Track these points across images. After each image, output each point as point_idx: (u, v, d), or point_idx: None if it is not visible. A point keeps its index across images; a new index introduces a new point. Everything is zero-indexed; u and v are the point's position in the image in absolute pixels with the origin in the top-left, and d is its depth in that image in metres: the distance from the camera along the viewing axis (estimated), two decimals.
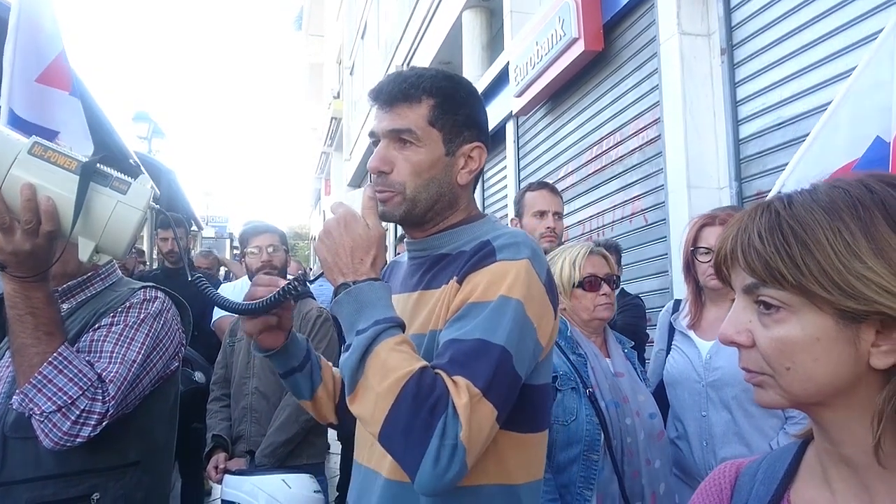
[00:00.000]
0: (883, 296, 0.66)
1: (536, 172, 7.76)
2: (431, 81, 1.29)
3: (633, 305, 3.75)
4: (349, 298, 1.15)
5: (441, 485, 1.03)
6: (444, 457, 1.02)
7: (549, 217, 2.96)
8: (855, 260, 0.68)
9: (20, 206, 1.33)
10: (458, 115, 1.30)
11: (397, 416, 1.04)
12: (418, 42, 13.76)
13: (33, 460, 1.54)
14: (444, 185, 1.31)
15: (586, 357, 2.13)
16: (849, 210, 0.70)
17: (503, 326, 1.11)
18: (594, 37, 6.08)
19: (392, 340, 1.10)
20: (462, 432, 1.02)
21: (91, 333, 1.62)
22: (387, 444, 1.07)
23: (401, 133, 1.28)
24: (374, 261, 1.20)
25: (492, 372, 1.08)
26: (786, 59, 4.29)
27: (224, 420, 3.06)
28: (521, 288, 1.15)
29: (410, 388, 1.04)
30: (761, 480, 0.83)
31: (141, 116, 14.31)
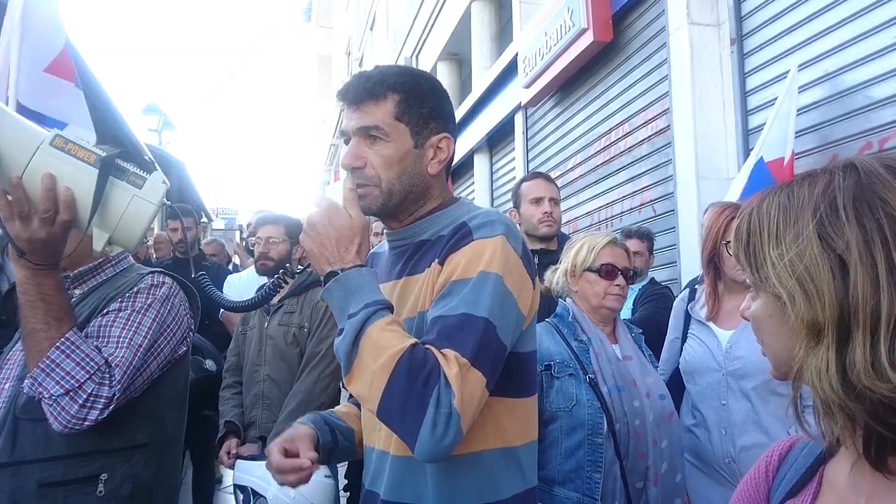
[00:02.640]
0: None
1: (545, 164, 7.76)
2: (395, 78, 1.35)
3: (662, 295, 3.76)
4: (338, 286, 1.22)
5: (439, 451, 1.11)
6: (440, 424, 1.09)
7: (546, 203, 3.00)
8: (769, 246, 0.74)
9: (40, 195, 1.36)
10: (423, 109, 1.36)
11: (393, 390, 1.11)
12: (427, 34, 13.75)
13: (43, 441, 1.57)
14: (416, 176, 1.36)
15: (589, 343, 2.14)
16: (792, 209, 0.74)
17: (484, 300, 1.18)
18: (603, 27, 6.07)
19: (382, 321, 1.16)
20: (455, 400, 1.10)
21: (99, 318, 1.65)
22: (385, 419, 1.14)
23: (369, 130, 1.33)
24: (358, 249, 1.26)
25: (477, 342, 1.15)
26: (795, 49, 4.28)
27: (236, 407, 3.10)
28: (499, 263, 1.22)
29: (404, 364, 1.11)
30: (805, 454, 0.86)
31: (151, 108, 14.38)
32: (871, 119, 3.76)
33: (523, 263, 1.28)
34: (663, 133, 5.48)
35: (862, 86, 3.83)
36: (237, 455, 2.90)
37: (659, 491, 2.01)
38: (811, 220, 0.70)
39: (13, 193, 1.37)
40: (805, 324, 0.69)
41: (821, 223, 0.70)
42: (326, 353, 2.99)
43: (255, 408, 3.04)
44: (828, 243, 0.68)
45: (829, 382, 0.67)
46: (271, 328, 3.09)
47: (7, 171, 1.36)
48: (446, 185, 1.47)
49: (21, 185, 1.36)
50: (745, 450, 2.16)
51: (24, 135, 1.38)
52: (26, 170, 1.36)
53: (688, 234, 4.96)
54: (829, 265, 0.68)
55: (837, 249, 0.68)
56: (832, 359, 0.67)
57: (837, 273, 0.67)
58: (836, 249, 0.68)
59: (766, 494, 0.88)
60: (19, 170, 1.36)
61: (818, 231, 0.70)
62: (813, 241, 0.69)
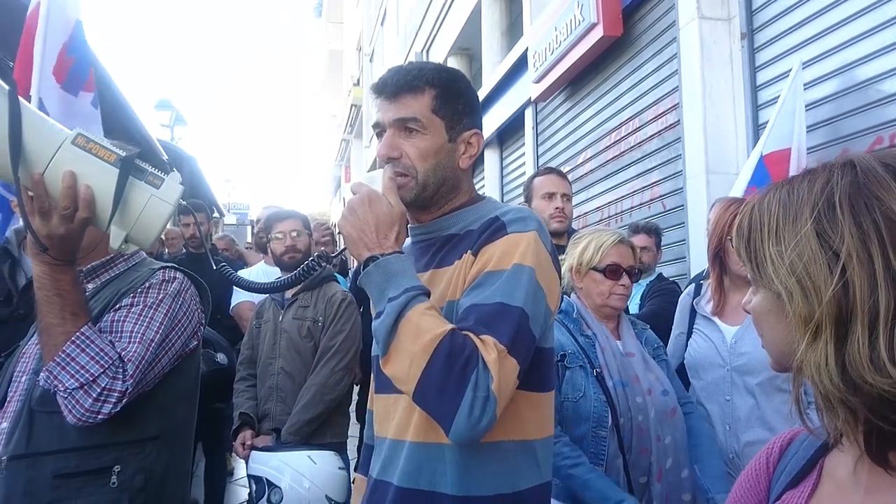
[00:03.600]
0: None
1: (555, 159, 7.75)
2: (433, 73, 1.40)
3: (669, 290, 3.76)
4: (378, 270, 1.24)
5: (475, 433, 1.14)
6: (477, 407, 1.12)
7: (558, 198, 3.02)
8: (769, 242, 0.75)
9: (60, 193, 1.39)
10: (458, 104, 1.40)
11: (432, 373, 1.14)
12: (437, 28, 13.74)
13: (58, 433, 1.60)
14: (449, 170, 1.40)
15: (595, 338, 2.17)
16: (792, 207, 0.75)
17: (520, 290, 1.22)
18: (613, 22, 6.05)
19: (422, 306, 1.19)
20: (493, 384, 1.13)
21: (112, 314, 1.68)
22: (421, 400, 1.17)
23: (407, 122, 1.36)
24: (397, 236, 1.29)
25: (514, 330, 1.19)
26: (806, 43, 4.25)
27: (250, 399, 3.15)
28: (532, 256, 1.26)
29: (444, 347, 1.14)
30: (805, 446, 0.87)
31: (163, 104, 14.47)
32: (883, 114, 3.74)
33: (552, 260, 1.32)
34: (673, 128, 5.46)
35: (873, 80, 3.81)
36: (252, 446, 2.94)
37: (663, 487, 2.02)
38: (809, 218, 0.72)
39: (34, 190, 1.40)
40: (803, 320, 0.71)
41: (818, 221, 0.71)
42: (340, 347, 3.04)
43: (270, 400, 3.09)
44: (825, 241, 0.70)
45: (829, 377, 0.68)
46: (286, 322, 3.13)
47: (29, 168, 1.38)
48: (472, 181, 1.50)
49: (42, 182, 1.39)
50: (750, 446, 2.17)
51: (46, 132, 1.41)
52: (48, 167, 1.39)
53: (697, 230, 4.95)
54: (826, 262, 0.69)
55: (834, 247, 0.69)
56: (831, 354, 0.68)
57: (835, 270, 0.68)
58: (833, 247, 0.69)
59: (767, 485, 0.90)
60: (41, 167, 1.38)
61: (816, 229, 0.71)
62: (811, 238, 0.71)
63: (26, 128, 1.36)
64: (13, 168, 1.36)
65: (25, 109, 1.37)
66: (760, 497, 0.89)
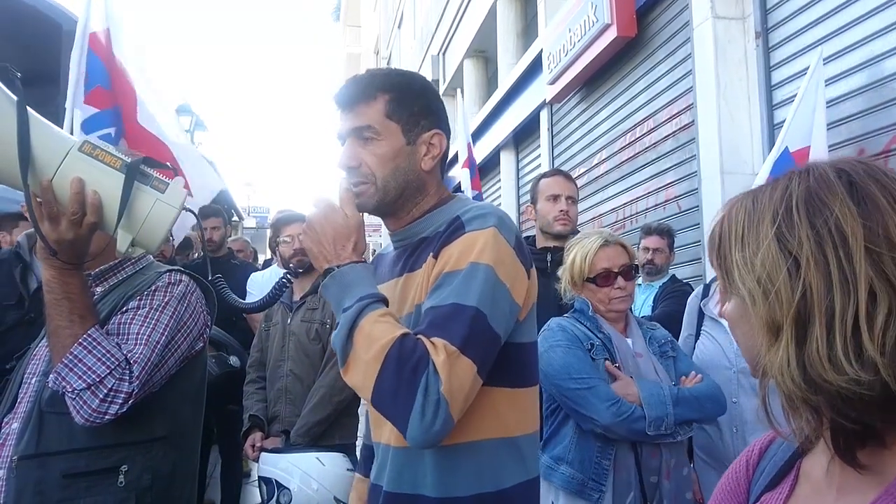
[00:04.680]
0: None
1: (570, 160, 7.74)
2: (384, 79, 1.40)
3: (682, 292, 3.73)
4: (334, 281, 1.28)
5: (430, 437, 1.14)
6: (429, 411, 1.12)
7: (563, 200, 3.00)
8: (735, 249, 0.77)
9: (68, 198, 1.43)
10: (413, 107, 1.40)
11: (384, 379, 1.14)
12: (453, 31, 13.76)
13: (67, 434, 1.63)
14: (410, 173, 1.40)
15: (610, 336, 2.20)
16: (755, 214, 0.77)
17: (474, 289, 1.21)
18: (627, 22, 6.03)
19: (375, 314, 1.20)
20: (443, 387, 1.12)
21: (119, 316, 1.71)
22: (379, 407, 1.18)
23: (362, 130, 1.37)
24: (354, 246, 1.32)
25: (466, 331, 1.17)
26: (821, 41, 4.20)
27: (260, 401, 3.18)
28: (490, 253, 1.24)
29: (394, 354, 1.14)
30: (784, 448, 0.89)
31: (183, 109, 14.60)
32: None
33: (516, 254, 1.29)
34: (688, 129, 5.43)
35: (889, 78, 3.76)
36: (261, 448, 2.97)
37: (672, 485, 2.03)
38: (770, 224, 0.74)
39: (43, 196, 1.44)
40: (765, 322, 0.72)
41: (778, 226, 0.73)
42: None
43: (279, 402, 3.11)
44: (784, 245, 0.71)
45: (791, 377, 0.70)
46: (294, 325, 3.16)
47: (38, 175, 1.43)
48: (442, 182, 1.50)
49: (51, 189, 1.43)
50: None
51: (54, 140, 1.45)
52: (56, 174, 1.43)
53: None
54: (785, 266, 0.71)
55: (793, 251, 0.70)
56: (793, 355, 0.70)
57: (793, 272, 0.70)
58: (791, 251, 0.71)
59: (747, 487, 0.91)
60: (50, 174, 1.43)
61: (776, 234, 0.73)
62: (771, 243, 0.72)
63: (34, 136, 1.40)
64: (22, 175, 1.40)
65: (33, 119, 1.41)
66: (740, 499, 0.90)
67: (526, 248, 1.36)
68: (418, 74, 1.51)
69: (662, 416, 2.00)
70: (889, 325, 0.66)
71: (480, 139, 11.25)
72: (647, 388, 2.03)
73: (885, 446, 0.70)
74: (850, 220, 0.69)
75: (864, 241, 0.68)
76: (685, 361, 2.29)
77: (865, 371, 0.65)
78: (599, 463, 2.03)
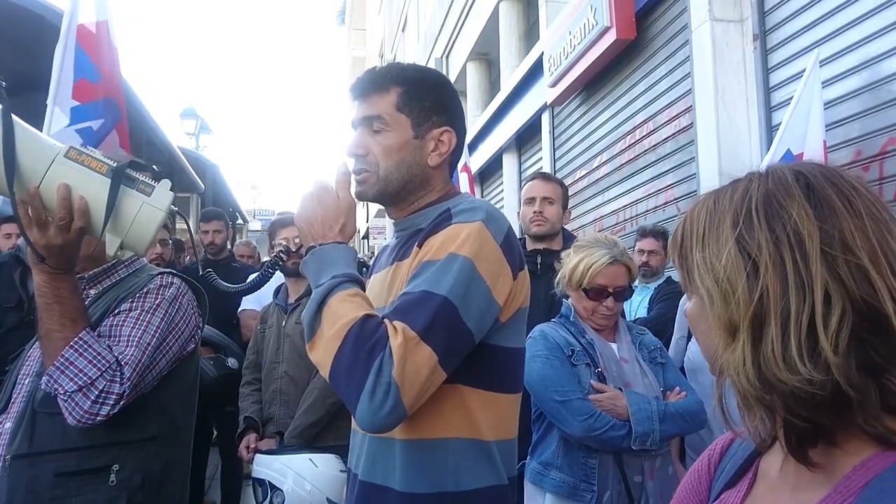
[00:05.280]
0: None
1: (571, 163, 7.76)
2: (398, 72, 1.41)
3: (677, 294, 3.72)
4: (313, 258, 1.29)
5: (377, 420, 1.12)
6: (378, 393, 1.10)
7: (537, 202, 3.03)
8: (696, 249, 0.78)
9: (56, 204, 1.45)
10: (425, 102, 1.40)
11: (341, 357, 1.14)
12: (457, 34, 13.80)
13: (59, 434, 1.65)
14: (415, 166, 1.40)
15: (594, 342, 2.21)
16: (715, 213, 0.78)
17: (448, 279, 1.19)
18: (626, 25, 6.05)
19: (345, 293, 1.21)
20: (395, 370, 1.10)
21: (111, 318, 1.73)
22: (335, 384, 1.17)
23: (372, 120, 1.38)
24: (342, 228, 1.33)
25: (430, 317, 1.15)
26: (818, 43, 4.21)
27: (255, 403, 3.20)
28: (471, 246, 1.23)
29: (354, 332, 1.14)
30: (744, 447, 0.89)
31: (188, 113, 14.69)
32: None
33: (503, 253, 1.27)
34: (687, 131, 5.44)
35: (886, 80, 3.77)
36: (256, 449, 2.99)
37: (657, 484, 2.06)
38: (731, 227, 0.75)
39: (31, 203, 1.46)
40: (722, 322, 0.73)
41: (739, 229, 0.74)
42: None
43: (274, 404, 3.12)
44: (743, 247, 0.73)
45: (746, 376, 0.70)
46: (289, 326, 3.18)
47: (25, 183, 1.45)
48: (450, 179, 1.49)
49: (39, 195, 1.45)
50: None
51: (40, 147, 1.47)
52: (43, 180, 1.45)
53: None
54: (743, 267, 0.72)
55: (752, 253, 0.72)
56: (748, 354, 0.70)
57: (752, 274, 0.71)
58: (750, 253, 0.72)
59: (708, 485, 0.92)
60: (37, 180, 1.45)
61: (735, 235, 0.74)
62: (731, 244, 0.74)
63: (20, 144, 1.42)
64: (8, 183, 1.42)
65: (18, 126, 1.43)
66: (702, 497, 0.92)
67: (518, 249, 1.33)
68: (437, 72, 1.51)
69: (649, 431, 2.04)
70: (843, 327, 0.67)
71: (483, 142, 11.28)
72: (635, 403, 2.06)
73: (836, 445, 0.71)
74: (806, 223, 0.70)
75: (819, 243, 0.69)
76: (672, 371, 2.31)
77: (818, 371, 0.66)
78: (586, 463, 2.07)
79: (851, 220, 0.70)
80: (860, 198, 0.72)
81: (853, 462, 0.70)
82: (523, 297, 1.34)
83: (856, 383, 0.66)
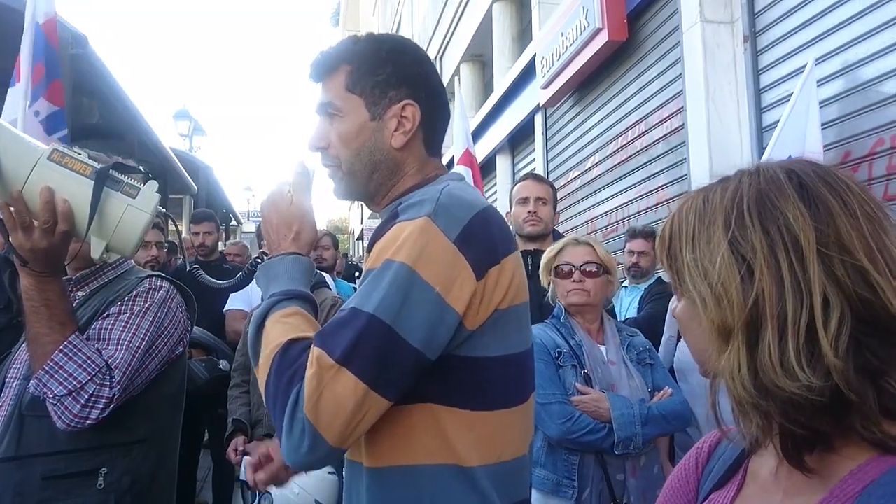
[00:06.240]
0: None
1: (564, 164, 7.77)
2: (348, 47, 1.25)
3: (667, 295, 3.72)
4: (262, 273, 1.20)
5: (299, 458, 1.00)
6: (295, 431, 0.98)
7: (531, 202, 3.04)
8: (686, 250, 0.76)
9: (39, 208, 1.44)
10: (378, 76, 1.21)
11: (268, 388, 1.04)
12: (450, 36, 13.81)
13: (47, 437, 1.65)
14: (378, 152, 1.23)
15: (582, 343, 2.23)
16: (705, 214, 0.76)
17: (377, 292, 1.03)
18: (618, 27, 6.06)
19: (280, 313, 1.10)
20: (306, 406, 0.97)
21: (100, 321, 1.73)
22: (272, 417, 1.05)
23: (325, 107, 1.25)
24: (296, 235, 1.23)
25: (352, 341, 0.99)
26: (809, 45, 4.24)
27: (244, 405, 3.19)
28: (410, 249, 1.04)
29: (276, 361, 1.04)
30: (732, 447, 0.87)
31: (182, 114, 14.65)
32: (885, 115, 3.72)
33: (459, 250, 1.06)
34: (678, 132, 5.46)
35: (875, 81, 3.79)
36: (244, 452, 2.98)
37: (639, 483, 2.08)
38: (723, 228, 0.72)
39: (15, 206, 1.45)
40: (716, 326, 0.71)
41: (731, 230, 0.72)
42: None
43: (262, 406, 3.11)
44: (736, 248, 0.70)
45: (742, 382, 0.69)
46: None
47: (8, 186, 1.43)
48: (429, 158, 1.29)
49: (22, 199, 1.44)
50: None
51: (23, 150, 1.45)
52: (26, 184, 1.43)
53: None
54: (737, 269, 0.70)
55: (746, 254, 0.70)
56: (744, 359, 0.68)
57: (746, 277, 0.69)
58: (744, 255, 0.70)
59: (696, 485, 0.90)
60: (20, 184, 1.43)
61: (728, 236, 0.72)
62: (723, 245, 0.71)
63: (2, 146, 1.41)
64: None
65: (1, 129, 1.42)
66: (689, 497, 0.90)
67: (490, 242, 1.11)
68: (395, 38, 1.30)
69: (632, 436, 2.07)
70: (842, 330, 0.65)
71: (477, 143, 11.25)
72: (618, 408, 2.09)
73: (832, 450, 0.69)
74: (801, 224, 0.68)
75: (816, 244, 0.67)
76: (661, 372, 2.34)
77: (817, 377, 0.64)
78: (568, 461, 2.11)
79: (847, 219, 0.69)
80: (854, 196, 0.71)
81: (849, 466, 0.68)
82: (501, 297, 1.11)
83: (856, 387, 0.64)
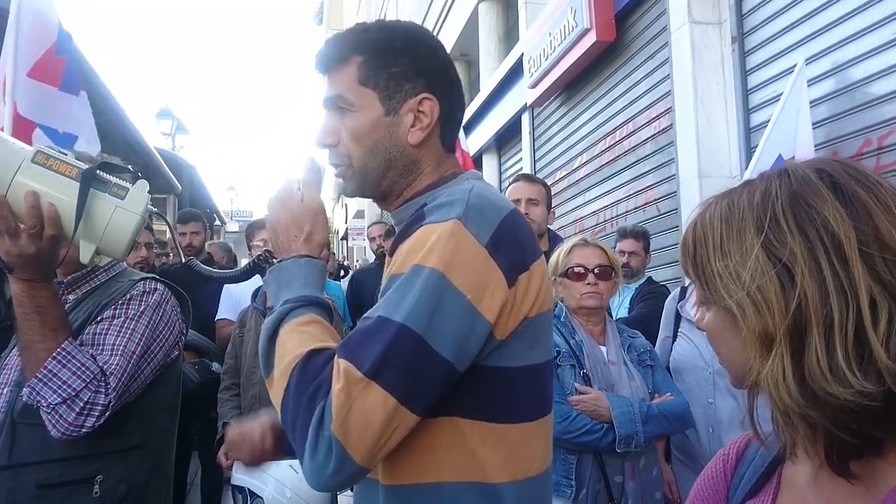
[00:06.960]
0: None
1: (551, 164, 7.78)
2: (359, 36, 1.17)
3: (658, 294, 3.77)
4: (272, 277, 1.12)
5: (324, 480, 0.93)
6: (320, 450, 0.91)
7: (522, 204, 3.03)
8: (715, 258, 0.73)
9: (24, 212, 1.39)
10: (393, 68, 1.15)
11: (287, 404, 0.96)
12: (436, 34, 13.76)
13: (41, 445, 1.61)
14: (393, 149, 1.16)
15: (582, 343, 2.22)
16: (734, 220, 0.74)
17: (408, 300, 0.96)
18: (606, 27, 6.07)
19: (296, 321, 1.03)
20: (334, 424, 0.90)
21: (94, 326, 1.69)
22: (288, 434, 0.99)
23: (334, 101, 1.17)
24: (307, 236, 1.15)
25: (383, 353, 0.93)
26: (796, 46, 4.26)
27: (234, 408, 3.16)
28: (441, 254, 0.98)
29: (296, 374, 0.96)
30: (762, 453, 0.85)
31: (164, 113, 14.51)
32: (872, 116, 3.75)
33: (491, 255, 1.00)
34: (666, 132, 5.48)
35: (862, 82, 3.82)
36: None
37: (637, 485, 2.08)
38: (755, 232, 0.70)
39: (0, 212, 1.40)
40: (757, 334, 0.68)
41: (765, 234, 0.69)
42: None
43: (253, 409, 3.08)
44: (772, 253, 0.68)
45: (788, 391, 0.66)
46: None
47: None
48: (445, 155, 1.22)
49: (6, 204, 1.40)
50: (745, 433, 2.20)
51: (5, 153, 1.41)
52: (10, 188, 1.39)
53: None
54: (775, 274, 0.67)
55: (783, 259, 0.67)
56: (788, 367, 0.66)
57: (786, 282, 0.67)
58: (781, 259, 0.67)
59: (725, 494, 0.88)
60: (3, 188, 1.39)
61: (762, 241, 0.69)
62: (758, 251, 0.69)
63: None
64: None
65: None
66: None
67: (520, 245, 1.06)
68: (410, 26, 1.23)
69: (632, 434, 2.07)
70: (892, 331, 0.63)
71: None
72: (618, 406, 2.08)
73: (879, 456, 0.67)
74: (841, 224, 0.66)
75: (857, 244, 0.65)
76: (661, 374, 2.34)
77: (870, 381, 0.62)
78: (566, 460, 2.11)
79: (884, 216, 0.66)
80: (887, 192, 0.69)
81: None
82: (531, 305, 1.06)
83: None
